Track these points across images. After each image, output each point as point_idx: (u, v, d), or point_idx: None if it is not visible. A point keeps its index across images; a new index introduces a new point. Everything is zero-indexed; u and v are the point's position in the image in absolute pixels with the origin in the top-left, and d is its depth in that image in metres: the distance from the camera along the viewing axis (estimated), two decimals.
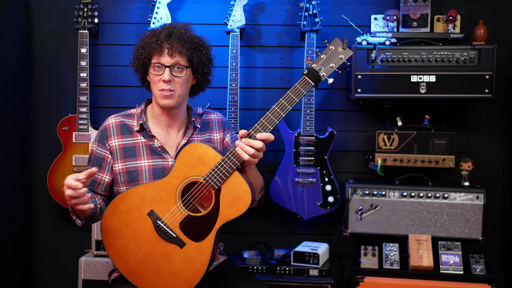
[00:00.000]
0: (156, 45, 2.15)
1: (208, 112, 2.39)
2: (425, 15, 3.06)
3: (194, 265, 2.06)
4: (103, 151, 2.23)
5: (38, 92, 3.31)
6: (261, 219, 3.32)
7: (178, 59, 2.14)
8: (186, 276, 2.06)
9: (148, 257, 2.09)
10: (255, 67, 3.28)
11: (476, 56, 2.89)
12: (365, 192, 2.93)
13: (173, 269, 2.07)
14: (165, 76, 2.13)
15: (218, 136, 2.35)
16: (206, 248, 2.06)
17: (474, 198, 2.86)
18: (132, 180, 2.20)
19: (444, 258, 2.83)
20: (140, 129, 2.23)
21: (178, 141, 2.26)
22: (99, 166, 2.22)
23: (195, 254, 2.07)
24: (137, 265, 2.09)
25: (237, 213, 2.05)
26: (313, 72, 2.07)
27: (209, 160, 2.06)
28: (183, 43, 2.15)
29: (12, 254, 3.09)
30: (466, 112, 3.22)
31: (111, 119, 2.27)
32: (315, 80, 2.08)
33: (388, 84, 2.93)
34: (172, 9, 3.14)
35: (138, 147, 2.22)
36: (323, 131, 3.08)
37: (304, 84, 2.08)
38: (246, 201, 2.04)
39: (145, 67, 2.21)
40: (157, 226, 2.08)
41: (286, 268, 2.90)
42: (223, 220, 2.06)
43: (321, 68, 2.07)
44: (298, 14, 3.06)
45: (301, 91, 2.08)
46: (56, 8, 3.28)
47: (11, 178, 3.09)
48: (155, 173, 2.20)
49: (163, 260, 2.09)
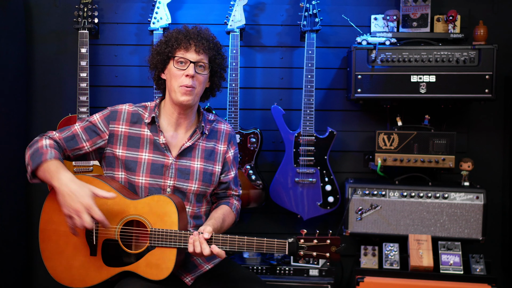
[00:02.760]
0: (184, 40, 2.18)
1: (219, 121, 2.39)
2: (425, 15, 3.06)
3: (86, 275, 2.13)
4: (104, 128, 2.21)
5: (38, 92, 3.31)
6: (261, 219, 3.32)
7: (202, 57, 2.19)
8: (76, 275, 2.14)
9: (66, 247, 2.16)
10: (255, 67, 3.28)
11: (476, 56, 2.89)
12: (365, 192, 2.93)
13: (72, 263, 2.15)
14: (189, 70, 2.16)
15: (222, 147, 2.34)
16: (105, 276, 2.12)
17: (474, 198, 2.86)
18: (130, 169, 2.20)
19: (444, 258, 2.83)
20: (150, 122, 2.24)
21: (183, 142, 2.26)
22: (90, 135, 2.20)
23: (94, 269, 2.13)
24: (58, 253, 2.17)
25: (147, 274, 2.07)
26: (295, 246, 2.03)
27: (166, 221, 2.09)
28: (209, 43, 2.21)
29: (12, 254, 3.09)
30: (466, 112, 3.22)
31: (125, 106, 2.26)
32: (290, 252, 2.03)
33: (388, 84, 2.93)
34: (172, 9, 3.15)
35: (143, 139, 2.22)
36: (323, 131, 3.08)
37: (280, 248, 2.04)
38: (161, 274, 2.07)
39: (165, 63, 2.23)
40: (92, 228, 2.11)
41: (286, 268, 2.90)
42: (133, 269, 2.10)
43: (305, 248, 2.03)
44: (298, 14, 3.06)
45: (273, 249, 2.04)
46: (56, 8, 3.29)
47: (11, 178, 3.09)
48: (154, 168, 2.21)
49: (72, 249, 2.15)
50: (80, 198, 1.97)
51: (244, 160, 3.08)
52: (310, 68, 3.01)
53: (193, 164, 2.26)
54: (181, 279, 2.21)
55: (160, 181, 2.21)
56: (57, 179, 2.02)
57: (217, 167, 2.31)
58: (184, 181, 2.23)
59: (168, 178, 2.22)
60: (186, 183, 2.24)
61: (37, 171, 2.07)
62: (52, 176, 2.03)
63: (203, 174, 2.27)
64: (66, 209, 2.00)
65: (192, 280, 2.22)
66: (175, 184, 2.22)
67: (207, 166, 2.28)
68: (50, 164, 2.05)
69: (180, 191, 2.23)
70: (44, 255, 2.18)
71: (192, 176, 2.25)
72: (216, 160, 2.31)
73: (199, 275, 2.24)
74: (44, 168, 2.05)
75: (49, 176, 2.04)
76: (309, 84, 3.01)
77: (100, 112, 2.26)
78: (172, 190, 2.23)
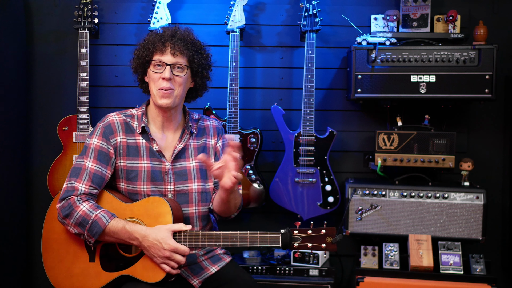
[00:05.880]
0: (159, 43, 2.17)
1: (204, 118, 2.41)
2: (425, 15, 3.06)
3: (86, 282, 2.13)
4: (108, 147, 2.19)
5: (38, 92, 3.31)
6: (261, 219, 3.32)
7: (179, 59, 2.18)
8: (75, 283, 2.14)
9: (66, 255, 2.16)
10: (255, 67, 3.28)
11: (476, 56, 2.89)
12: (365, 192, 2.93)
13: (72, 271, 2.15)
14: (165, 73, 2.16)
15: (213, 141, 2.36)
16: (103, 281, 2.12)
17: (474, 198, 2.86)
18: (131, 179, 2.20)
19: (444, 258, 2.83)
20: (141, 132, 2.23)
21: (174, 145, 2.26)
22: (106, 162, 2.17)
23: (93, 276, 2.13)
24: (59, 261, 2.18)
25: (143, 277, 2.08)
26: (288, 237, 2.04)
27: (161, 222, 2.09)
28: (185, 44, 2.19)
29: (12, 254, 3.09)
30: (466, 112, 3.22)
31: (114, 116, 2.24)
32: (284, 243, 2.04)
33: (388, 84, 2.93)
34: (172, 9, 3.14)
35: (140, 147, 2.22)
36: (323, 131, 3.08)
37: (274, 239, 2.06)
38: (157, 276, 2.06)
39: (145, 67, 2.23)
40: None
41: (286, 268, 2.90)
42: (130, 272, 2.10)
43: (299, 239, 2.03)
44: (298, 14, 3.06)
45: (267, 241, 2.06)
46: (56, 8, 3.29)
47: (11, 178, 3.09)
48: (153, 175, 2.21)
49: (72, 257, 2.16)
50: (164, 245, 2.02)
51: (244, 160, 3.08)
52: (310, 68, 3.01)
53: (188, 164, 2.27)
54: (189, 282, 2.22)
55: (161, 187, 2.22)
56: (131, 239, 2.06)
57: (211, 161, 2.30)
58: (184, 183, 2.24)
59: (168, 184, 2.22)
60: (186, 184, 2.24)
61: (99, 238, 2.09)
62: (123, 237, 2.07)
63: (200, 172, 2.28)
64: (157, 260, 2.05)
65: (199, 283, 2.22)
66: (175, 188, 2.23)
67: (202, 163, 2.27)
68: (111, 227, 2.06)
69: (182, 193, 2.23)
70: (46, 264, 2.19)
71: (190, 176, 2.25)
72: (208, 155, 2.32)
73: (206, 278, 2.25)
74: (106, 233, 2.07)
75: (119, 239, 2.08)
76: (309, 84, 3.01)
77: (93, 134, 2.21)
78: (174, 195, 2.22)
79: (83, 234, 2.09)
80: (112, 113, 2.27)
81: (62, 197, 2.11)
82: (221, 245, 2.08)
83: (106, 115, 2.26)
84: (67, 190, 2.12)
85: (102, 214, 2.07)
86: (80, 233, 2.09)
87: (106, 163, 2.17)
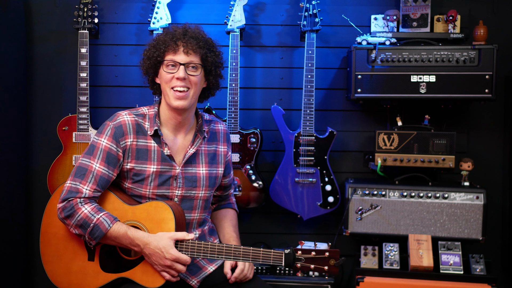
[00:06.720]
0: (171, 42, 2.10)
1: (216, 121, 2.33)
2: (425, 15, 3.06)
3: (84, 280, 2.12)
4: (117, 149, 2.11)
5: (38, 92, 3.31)
6: (261, 219, 3.32)
7: (193, 57, 2.10)
8: (74, 280, 2.13)
9: (65, 251, 2.15)
10: (255, 67, 3.28)
11: (476, 56, 2.89)
12: (365, 192, 2.93)
13: (71, 268, 2.14)
14: (180, 73, 2.08)
15: (223, 148, 2.31)
16: (101, 281, 2.11)
17: (474, 198, 2.86)
18: (137, 181, 2.14)
19: (444, 258, 2.83)
20: (153, 134, 2.16)
21: (185, 149, 2.20)
22: (113, 165, 2.11)
23: (91, 275, 2.12)
24: (57, 256, 2.17)
25: (143, 281, 2.06)
26: (292, 257, 2.02)
27: (164, 228, 2.07)
28: (198, 42, 2.11)
29: (12, 254, 3.09)
30: (466, 112, 3.22)
31: (126, 116, 2.14)
32: (287, 263, 2.03)
33: (388, 84, 2.93)
34: (172, 9, 3.14)
35: (151, 151, 2.15)
36: (323, 131, 3.08)
37: (277, 259, 2.04)
38: (157, 282, 2.05)
39: (156, 68, 2.15)
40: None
41: (286, 268, 2.90)
42: (129, 275, 2.09)
43: (302, 259, 2.02)
44: (298, 14, 3.06)
45: (270, 260, 2.04)
46: (56, 8, 3.28)
47: (11, 178, 3.09)
48: (161, 179, 2.15)
49: (71, 254, 2.15)
50: (166, 255, 2.00)
51: (244, 160, 3.07)
52: (310, 68, 3.01)
53: (198, 170, 2.21)
54: (187, 283, 2.19)
55: (168, 191, 2.16)
56: (132, 245, 2.04)
57: (220, 169, 2.28)
58: (192, 189, 2.19)
59: (175, 188, 2.17)
60: (194, 190, 2.20)
61: (101, 241, 2.08)
62: (124, 242, 2.05)
63: (208, 180, 2.23)
64: (157, 267, 2.03)
65: (198, 283, 2.20)
66: (183, 193, 2.18)
67: (211, 170, 2.24)
68: (113, 232, 2.04)
69: (188, 199, 2.19)
70: (44, 258, 2.17)
71: (199, 183, 2.21)
72: (218, 162, 2.28)
73: (204, 277, 2.23)
74: (107, 237, 2.05)
75: (120, 243, 2.07)
76: (309, 84, 3.01)
77: (103, 132, 2.12)
78: (180, 199, 2.18)
79: (84, 236, 2.07)
80: (123, 111, 2.17)
81: (65, 198, 2.07)
82: (223, 258, 2.05)
83: (117, 114, 2.16)
84: (70, 191, 2.07)
85: (104, 218, 2.04)
86: (81, 234, 2.08)
87: (113, 165, 2.11)
